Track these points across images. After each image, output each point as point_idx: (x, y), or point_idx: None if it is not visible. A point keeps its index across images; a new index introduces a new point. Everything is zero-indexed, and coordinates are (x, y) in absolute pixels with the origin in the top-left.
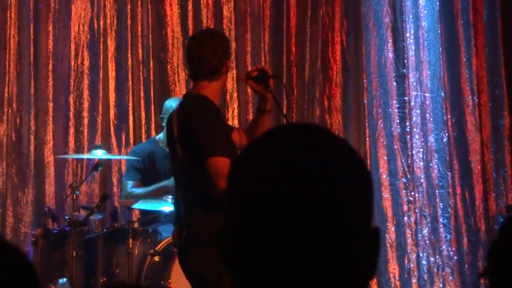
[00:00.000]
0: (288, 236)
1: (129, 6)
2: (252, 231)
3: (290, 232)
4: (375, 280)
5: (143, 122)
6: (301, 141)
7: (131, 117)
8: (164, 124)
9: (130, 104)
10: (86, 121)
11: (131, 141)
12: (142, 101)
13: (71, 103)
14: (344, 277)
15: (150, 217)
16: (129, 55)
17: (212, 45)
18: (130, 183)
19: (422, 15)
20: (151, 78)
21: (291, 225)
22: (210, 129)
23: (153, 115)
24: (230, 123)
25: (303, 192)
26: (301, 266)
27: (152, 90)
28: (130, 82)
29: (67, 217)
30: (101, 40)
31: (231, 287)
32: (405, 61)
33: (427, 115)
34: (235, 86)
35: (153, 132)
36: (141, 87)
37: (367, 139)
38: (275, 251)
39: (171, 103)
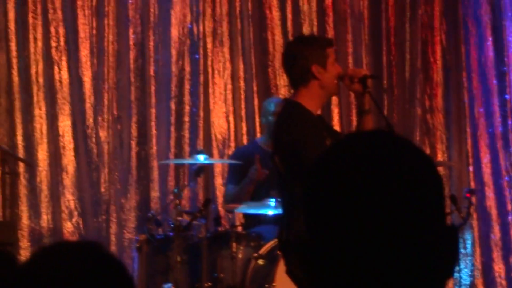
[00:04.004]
0: (369, 240)
1: (228, 9)
2: (333, 241)
3: (371, 237)
4: (480, 279)
5: (244, 124)
6: (374, 148)
7: (232, 120)
8: (263, 123)
9: (231, 108)
10: (187, 125)
11: (233, 144)
12: (243, 104)
13: (173, 108)
14: (422, 276)
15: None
16: (229, 59)
17: (295, 52)
18: (230, 187)
19: None
20: (253, 81)
21: (371, 231)
22: (300, 141)
23: (256, 118)
24: (334, 125)
25: (381, 198)
26: (382, 268)
27: (252, 93)
28: (230, 85)
29: (170, 223)
30: (201, 44)
31: None
32: (506, 58)
33: None
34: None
35: (257, 135)
36: (242, 92)
37: (469, 138)
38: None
39: (270, 103)
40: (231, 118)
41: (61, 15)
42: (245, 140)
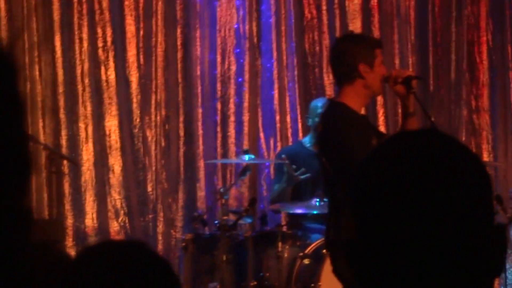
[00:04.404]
0: (419, 239)
1: (273, 9)
2: (383, 240)
3: (421, 236)
4: None
5: (289, 125)
6: (422, 148)
7: (278, 120)
8: (309, 124)
9: (277, 108)
10: (233, 125)
11: (279, 144)
12: (288, 105)
13: (219, 108)
14: (471, 275)
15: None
16: (274, 59)
17: (342, 50)
18: (276, 187)
19: None
20: (296, 81)
21: (421, 231)
22: (346, 141)
23: (299, 118)
24: (379, 126)
25: (431, 197)
26: (431, 267)
27: (297, 93)
28: (276, 84)
29: (216, 222)
30: (247, 45)
31: None
32: None
33: None
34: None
35: (300, 134)
36: (286, 92)
37: None
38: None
39: (317, 104)
40: (277, 118)
41: (108, 16)
42: (290, 141)
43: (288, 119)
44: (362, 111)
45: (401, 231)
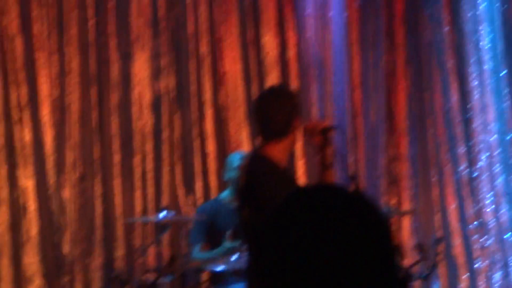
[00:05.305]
0: None
1: (194, 63)
2: None
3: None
4: None
5: (210, 180)
6: (317, 206)
7: (200, 176)
8: (226, 179)
9: (199, 162)
10: (151, 182)
11: (199, 201)
12: (213, 161)
13: (136, 165)
14: None
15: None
16: (196, 113)
17: (278, 105)
18: (196, 247)
19: (485, 58)
20: (213, 135)
21: (317, 283)
22: (269, 196)
23: (217, 174)
24: (299, 177)
25: (324, 255)
26: None
27: (214, 148)
28: (198, 142)
29: (136, 281)
30: (164, 99)
31: None
32: (470, 105)
33: (494, 158)
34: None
35: (218, 190)
36: (205, 146)
37: (435, 186)
38: None
39: (234, 158)
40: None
41: (23, 76)
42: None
43: (210, 175)
44: (285, 164)
45: (298, 285)
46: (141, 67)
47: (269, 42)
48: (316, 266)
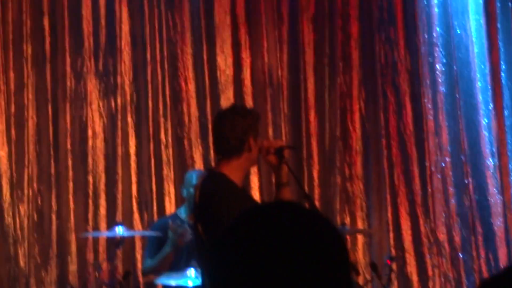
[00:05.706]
0: None
1: (149, 82)
2: None
3: None
4: None
5: (165, 198)
6: (272, 223)
7: (155, 192)
8: (184, 195)
9: (153, 179)
10: (105, 198)
11: (155, 216)
12: (169, 178)
13: (90, 181)
14: None
15: None
16: (150, 131)
17: (232, 123)
18: (148, 261)
19: (439, 80)
20: (170, 153)
21: None
22: (225, 213)
23: (173, 190)
24: (253, 194)
25: (279, 271)
26: None
27: (172, 165)
28: (152, 159)
29: None
30: (119, 117)
31: None
32: (424, 126)
33: (448, 179)
34: None
35: (175, 206)
36: (160, 163)
37: (389, 205)
38: None
39: (192, 175)
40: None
41: None
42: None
43: (166, 189)
44: (241, 183)
45: None
46: (95, 84)
47: (224, 61)
48: (273, 282)
